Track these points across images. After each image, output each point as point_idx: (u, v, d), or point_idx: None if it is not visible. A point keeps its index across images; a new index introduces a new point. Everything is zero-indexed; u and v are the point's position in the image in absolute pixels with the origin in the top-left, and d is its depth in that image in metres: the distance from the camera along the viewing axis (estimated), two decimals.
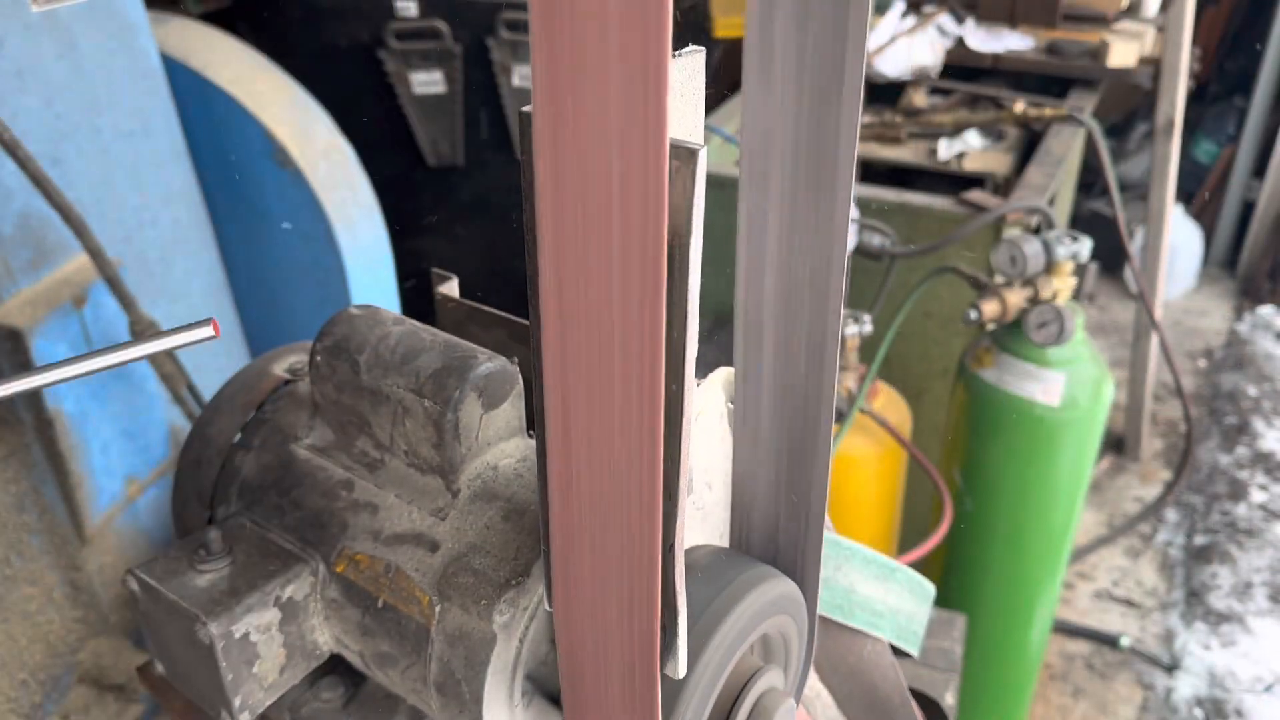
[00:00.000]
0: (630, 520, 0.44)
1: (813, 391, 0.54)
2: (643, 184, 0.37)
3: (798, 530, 0.60)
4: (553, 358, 0.42)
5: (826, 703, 0.81)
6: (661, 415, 0.41)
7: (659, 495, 0.43)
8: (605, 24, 0.35)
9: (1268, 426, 2.97)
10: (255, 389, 0.84)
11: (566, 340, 0.42)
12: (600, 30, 0.35)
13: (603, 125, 0.37)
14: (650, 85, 0.35)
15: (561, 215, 0.40)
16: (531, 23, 0.36)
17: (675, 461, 0.43)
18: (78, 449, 1.19)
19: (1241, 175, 3.87)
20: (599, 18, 0.35)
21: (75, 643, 1.28)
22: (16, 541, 1.15)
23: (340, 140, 1.77)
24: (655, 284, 0.38)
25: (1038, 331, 1.49)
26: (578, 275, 0.40)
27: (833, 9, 0.43)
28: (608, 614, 0.47)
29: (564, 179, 0.39)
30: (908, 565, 0.84)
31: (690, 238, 0.39)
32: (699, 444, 0.60)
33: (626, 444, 0.42)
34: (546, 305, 0.42)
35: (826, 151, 0.46)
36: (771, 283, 0.51)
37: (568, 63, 0.36)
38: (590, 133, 0.37)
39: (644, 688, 0.48)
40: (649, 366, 0.40)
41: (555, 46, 0.36)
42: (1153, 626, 2.41)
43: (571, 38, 0.36)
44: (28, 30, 1.13)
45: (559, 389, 0.43)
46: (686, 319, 0.40)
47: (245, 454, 0.82)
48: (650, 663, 0.47)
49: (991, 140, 2.15)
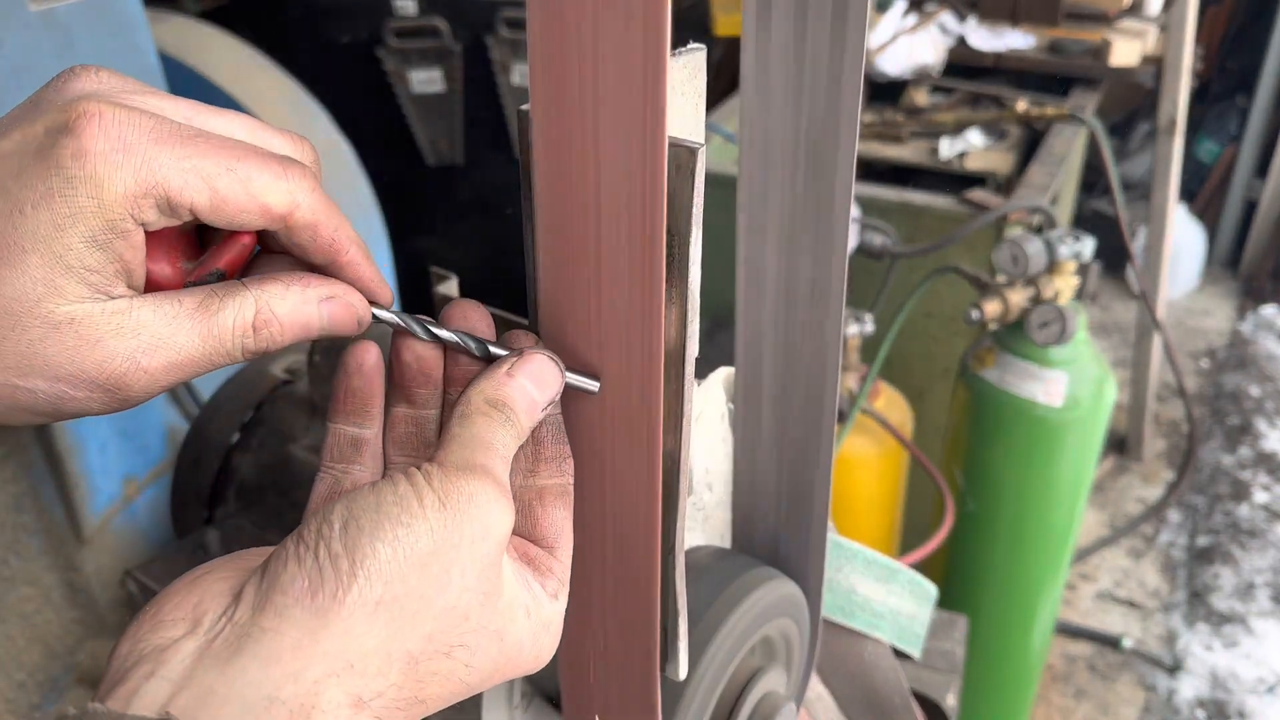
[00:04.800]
0: (630, 521, 0.44)
1: (814, 391, 0.53)
2: (642, 183, 0.36)
3: (800, 531, 0.59)
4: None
5: (828, 704, 0.80)
6: (661, 416, 0.41)
7: (659, 496, 0.42)
8: (604, 22, 0.34)
9: (1270, 427, 2.97)
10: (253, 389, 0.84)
11: (566, 338, 0.42)
12: (599, 28, 0.35)
13: (601, 124, 0.36)
14: (649, 83, 0.34)
15: (560, 214, 0.39)
16: (529, 20, 0.36)
17: (675, 462, 0.43)
18: (75, 449, 1.19)
19: (1244, 174, 3.87)
20: (597, 15, 0.34)
21: (73, 643, 1.28)
22: (14, 542, 1.15)
23: (339, 139, 1.77)
24: (655, 284, 0.38)
25: (1040, 331, 1.48)
26: (577, 275, 0.40)
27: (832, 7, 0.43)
28: (608, 615, 0.47)
29: (563, 177, 0.38)
30: (909, 566, 0.84)
31: (690, 237, 0.38)
32: (699, 444, 0.59)
33: (626, 445, 0.42)
34: (546, 304, 0.42)
35: (827, 151, 0.46)
36: (772, 283, 0.51)
37: (566, 60, 0.36)
38: (589, 131, 0.37)
39: (644, 690, 0.48)
40: (649, 366, 0.40)
41: (553, 44, 0.36)
42: (1155, 628, 2.41)
43: (570, 35, 0.35)
44: (26, 29, 1.12)
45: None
46: (686, 319, 0.40)
47: (243, 454, 0.82)
48: (651, 665, 0.47)
49: (993, 139, 2.15)
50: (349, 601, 0.32)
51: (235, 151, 0.35)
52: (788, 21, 0.44)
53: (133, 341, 0.33)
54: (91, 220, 0.32)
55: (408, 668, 0.33)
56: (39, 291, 0.32)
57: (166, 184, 0.33)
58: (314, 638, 0.31)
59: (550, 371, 0.40)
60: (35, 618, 1.19)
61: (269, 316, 0.36)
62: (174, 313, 0.34)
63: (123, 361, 0.33)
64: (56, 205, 0.32)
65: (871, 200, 1.79)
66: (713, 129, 1.93)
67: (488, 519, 0.35)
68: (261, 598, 0.32)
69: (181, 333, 0.34)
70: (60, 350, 0.33)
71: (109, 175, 0.32)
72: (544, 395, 0.39)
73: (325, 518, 0.33)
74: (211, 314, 0.35)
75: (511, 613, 0.37)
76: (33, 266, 0.32)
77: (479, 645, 0.35)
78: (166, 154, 0.33)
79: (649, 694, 0.48)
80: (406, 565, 0.33)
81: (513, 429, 0.38)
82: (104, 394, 0.34)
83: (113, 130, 0.32)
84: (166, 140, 0.33)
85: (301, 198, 0.36)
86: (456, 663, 0.35)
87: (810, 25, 0.43)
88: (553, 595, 0.39)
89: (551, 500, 0.41)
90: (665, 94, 0.34)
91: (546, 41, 0.36)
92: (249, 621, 0.31)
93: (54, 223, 0.32)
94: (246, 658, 0.30)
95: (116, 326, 0.33)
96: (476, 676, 0.36)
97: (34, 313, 0.32)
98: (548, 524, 0.40)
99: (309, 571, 0.32)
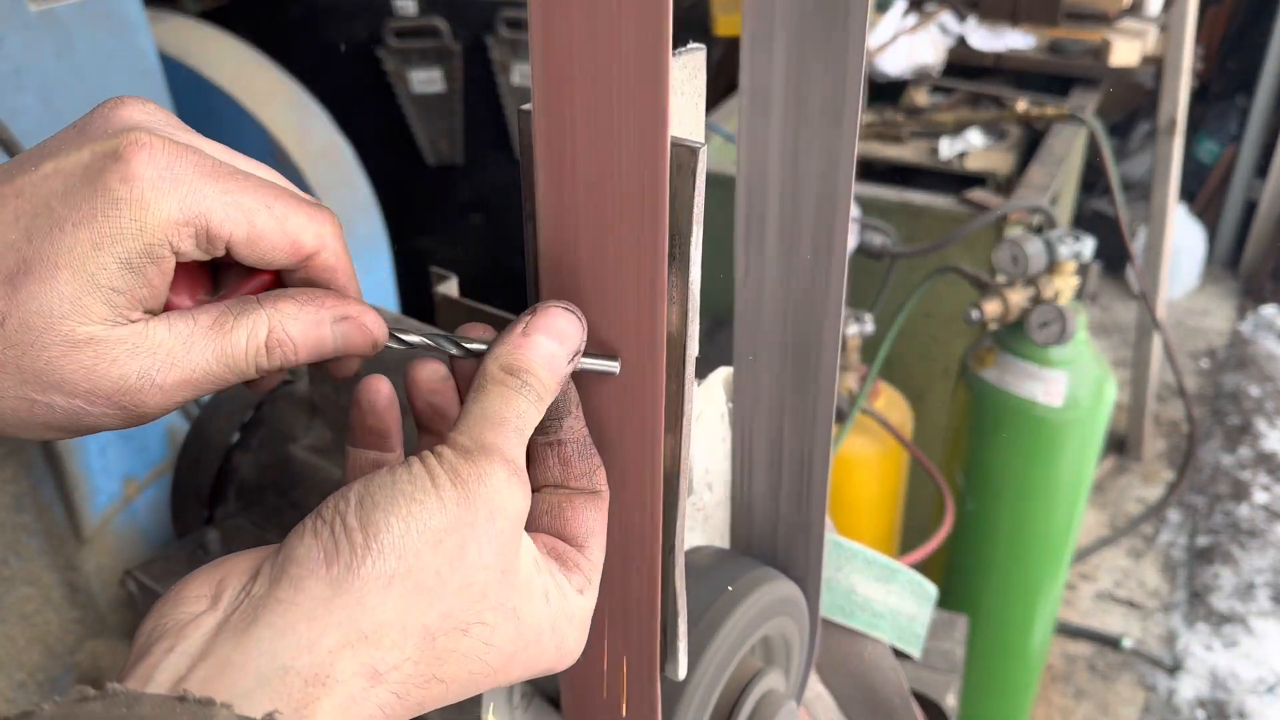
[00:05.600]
0: (631, 521, 0.44)
1: (813, 391, 0.53)
2: (643, 182, 0.36)
3: (799, 531, 0.59)
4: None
5: (828, 704, 0.80)
6: (662, 415, 0.41)
7: (659, 496, 0.42)
8: (604, 22, 0.34)
9: (1270, 427, 2.97)
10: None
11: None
12: (599, 27, 0.35)
13: (602, 123, 0.36)
14: (650, 83, 0.34)
15: (560, 214, 0.39)
16: (530, 20, 0.36)
17: (675, 462, 0.43)
18: (75, 449, 1.19)
19: (1244, 174, 3.87)
20: (598, 15, 0.34)
21: (73, 643, 1.28)
22: (14, 542, 1.15)
23: (339, 139, 1.77)
24: (655, 283, 0.38)
25: (1040, 331, 1.48)
26: (577, 274, 0.40)
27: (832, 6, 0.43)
28: (608, 615, 0.47)
29: (563, 177, 0.38)
30: (909, 566, 0.84)
31: (690, 237, 0.38)
32: (699, 444, 0.59)
33: (627, 444, 0.42)
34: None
35: (827, 150, 0.46)
36: (772, 283, 0.51)
37: (567, 60, 0.36)
38: (589, 131, 0.37)
39: (644, 690, 0.48)
40: (649, 366, 0.40)
41: (554, 44, 0.36)
42: (1155, 628, 2.41)
43: (570, 36, 0.35)
44: (26, 29, 1.12)
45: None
46: (686, 319, 0.40)
47: (244, 454, 0.82)
48: (650, 664, 0.47)
49: (993, 139, 2.15)
50: (363, 574, 0.32)
51: (274, 191, 0.36)
52: (788, 21, 0.44)
53: (148, 360, 0.34)
54: (130, 243, 0.33)
55: (424, 643, 0.33)
56: (64, 309, 0.33)
57: (209, 215, 0.34)
58: (328, 608, 0.32)
59: (568, 322, 0.39)
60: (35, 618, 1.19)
61: (282, 336, 0.37)
62: (189, 332, 0.35)
63: (138, 379, 0.34)
64: (99, 224, 0.33)
65: (871, 200, 1.79)
66: (713, 129, 1.93)
67: (501, 497, 0.35)
68: (278, 571, 0.33)
69: (196, 351, 0.35)
70: (78, 368, 0.33)
71: (155, 201, 0.33)
72: (566, 348, 0.39)
73: (343, 495, 0.34)
74: (226, 332, 0.36)
75: (529, 592, 0.37)
76: (62, 282, 0.33)
77: (497, 623, 0.35)
78: (211, 187, 0.35)
79: (649, 694, 0.48)
80: (420, 541, 0.33)
81: (531, 394, 0.38)
82: (119, 410, 0.35)
83: (161, 160, 0.34)
84: (211, 174, 0.35)
85: (329, 241, 0.38)
86: (476, 640, 0.35)
87: (810, 25, 0.43)
88: (579, 590, 0.39)
89: (582, 502, 0.41)
90: (666, 94, 0.34)
91: (547, 41, 0.36)
92: (265, 594, 0.32)
93: (93, 241, 0.33)
94: (262, 627, 0.31)
95: (133, 346, 0.34)
96: (497, 657, 0.36)
97: (56, 329, 0.33)
98: (578, 524, 0.40)
99: (324, 544, 0.33)
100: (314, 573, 0.32)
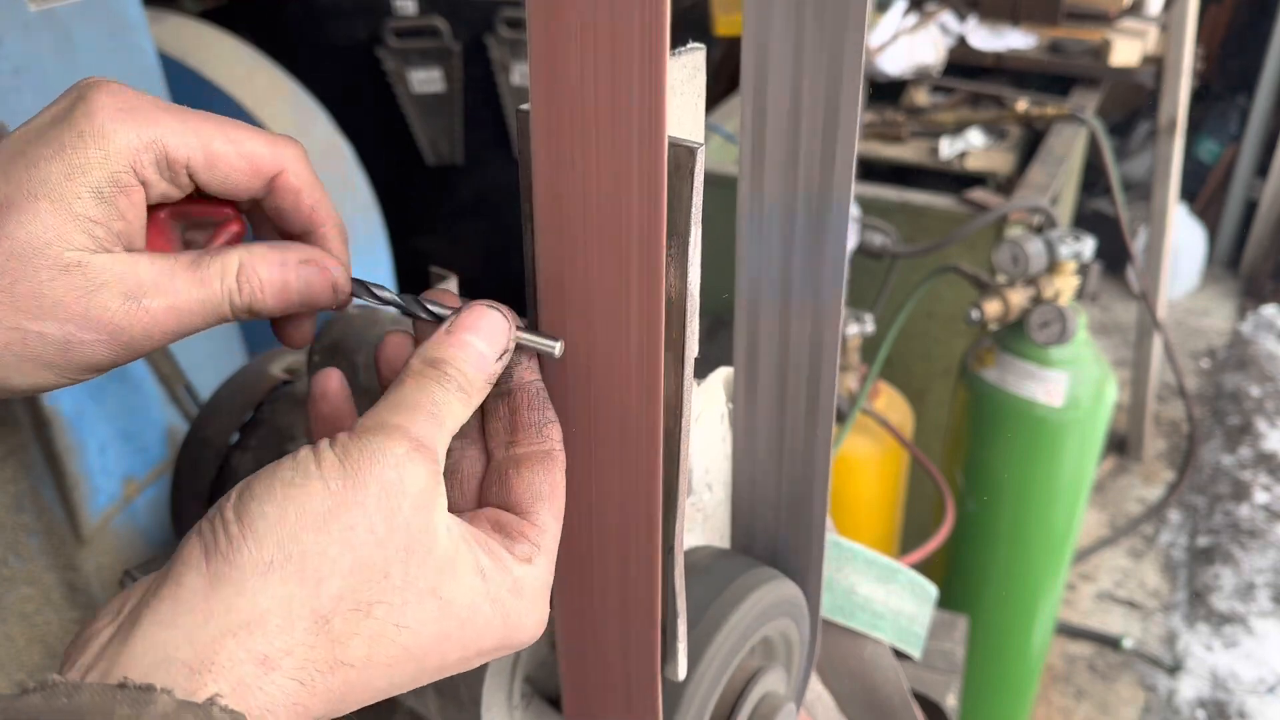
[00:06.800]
0: (630, 521, 0.43)
1: (813, 392, 0.53)
2: (642, 182, 0.36)
3: (799, 531, 0.59)
4: (552, 357, 0.42)
5: (828, 705, 0.80)
6: (661, 415, 0.40)
7: (659, 496, 0.42)
8: (604, 21, 0.34)
9: (1271, 427, 2.96)
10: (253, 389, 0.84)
11: (565, 338, 0.41)
12: (599, 28, 0.35)
13: (601, 123, 0.36)
14: (649, 83, 0.34)
15: (560, 214, 0.39)
16: (529, 20, 0.36)
17: (675, 462, 0.43)
18: (75, 449, 1.19)
19: (1244, 174, 3.87)
20: (597, 15, 0.34)
21: None
22: (14, 542, 1.15)
23: (338, 138, 1.77)
24: (654, 283, 0.38)
25: (1040, 331, 1.48)
26: (577, 274, 0.40)
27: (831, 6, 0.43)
28: (608, 616, 0.47)
29: (562, 177, 0.38)
30: (909, 566, 0.84)
31: (690, 237, 0.38)
32: (699, 445, 0.59)
33: (626, 445, 0.42)
34: (545, 304, 0.42)
35: (827, 150, 0.46)
36: (771, 283, 0.51)
37: (566, 60, 0.36)
38: (588, 131, 0.37)
39: (644, 690, 0.48)
40: (649, 366, 0.40)
41: (553, 44, 0.36)
42: (1155, 628, 2.41)
43: (570, 35, 0.35)
44: (25, 29, 1.12)
45: (558, 389, 0.43)
46: (686, 319, 0.40)
47: (243, 455, 0.82)
48: (650, 665, 0.47)
49: (994, 139, 2.15)
50: (239, 563, 0.32)
51: (231, 122, 0.40)
52: (788, 21, 0.44)
53: (134, 284, 0.38)
54: (97, 171, 0.36)
55: (316, 626, 0.33)
56: (48, 236, 0.36)
57: (165, 140, 0.38)
58: (206, 599, 0.32)
59: (494, 321, 0.40)
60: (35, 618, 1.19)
61: (250, 274, 0.40)
62: (169, 265, 0.39)
63: (125, 301, 0.37)
64: (68, 156, 0.36)
65: (871, 200, 1.79)
66: (713, 129, 1.93)
67: (394, 474, 0.35)
68: (163, 573, 0.33)
69: (178, 280, 0.39)
70: (68, 291, 0.36)
71: (115, 130, 0.37)
72: (493, 347, 0.39)
73: (227, 494, 0.35)
74: (203, 267, 0.39)
75: (452, 571, 0.36)
76: (43, 212, 0.36)
77: (406, 602, 0.34)
78: (167, 116, 0.38)
79: (649, 694, 0.48)
80: (300, 525, 0.33)
81: (451, 384, 0.38)
82: (109, 338, 0.38)
83: (120, 96, 0.37)
84: (167, 109, 0.38)
85: (289, 164, 0.41)
86: (382, 622, 0.34)
87: (810, 25, 0.43)
88: (524, 559, 0.38)
89: (529, 465, 0.40)
90: (665, 94, 0.34)
91: (546, 41, 0.36)
92: (151, 595, 0.33)
93: (64, 173, 0.36)
94: (146, 624, 0.32)
95: (119, 273, 0.37)
96: (415, 639, 0.35)
97: (45, 255, 0.36)
98: (522, 489, 0.40)
99: (205, 540, 0.33)
100: (194, 567, 0.32)
